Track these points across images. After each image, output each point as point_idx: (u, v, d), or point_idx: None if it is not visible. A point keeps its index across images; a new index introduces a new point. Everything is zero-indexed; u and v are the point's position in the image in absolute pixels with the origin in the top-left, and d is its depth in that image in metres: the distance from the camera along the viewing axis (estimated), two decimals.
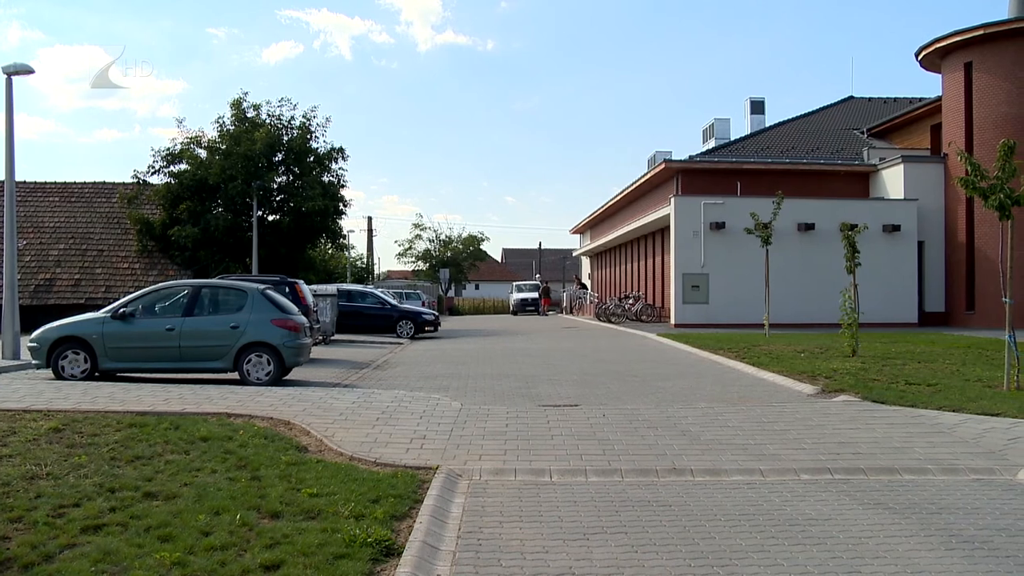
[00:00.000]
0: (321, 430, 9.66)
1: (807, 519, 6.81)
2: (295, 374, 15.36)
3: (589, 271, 64.09)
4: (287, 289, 20.19)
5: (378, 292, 33.22)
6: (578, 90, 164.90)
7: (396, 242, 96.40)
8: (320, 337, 22.83)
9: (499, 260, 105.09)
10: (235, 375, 14.29)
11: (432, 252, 73.12)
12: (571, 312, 53.77)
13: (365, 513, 6.49)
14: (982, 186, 13.36)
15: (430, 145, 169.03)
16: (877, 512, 7.02)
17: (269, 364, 14.24)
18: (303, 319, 15.46)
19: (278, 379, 14.29)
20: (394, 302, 32.56)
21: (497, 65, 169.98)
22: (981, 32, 31.50)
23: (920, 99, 39.49)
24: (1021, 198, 13.10)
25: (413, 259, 73.72)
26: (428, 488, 7.43)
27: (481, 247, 76.99)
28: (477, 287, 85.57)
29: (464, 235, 74.95)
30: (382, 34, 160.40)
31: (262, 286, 15.67)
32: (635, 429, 10.09)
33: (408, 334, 29.90)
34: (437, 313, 34.12)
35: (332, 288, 28.83)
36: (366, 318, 30.29)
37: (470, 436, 9.66)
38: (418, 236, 73.21)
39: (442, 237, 74.08)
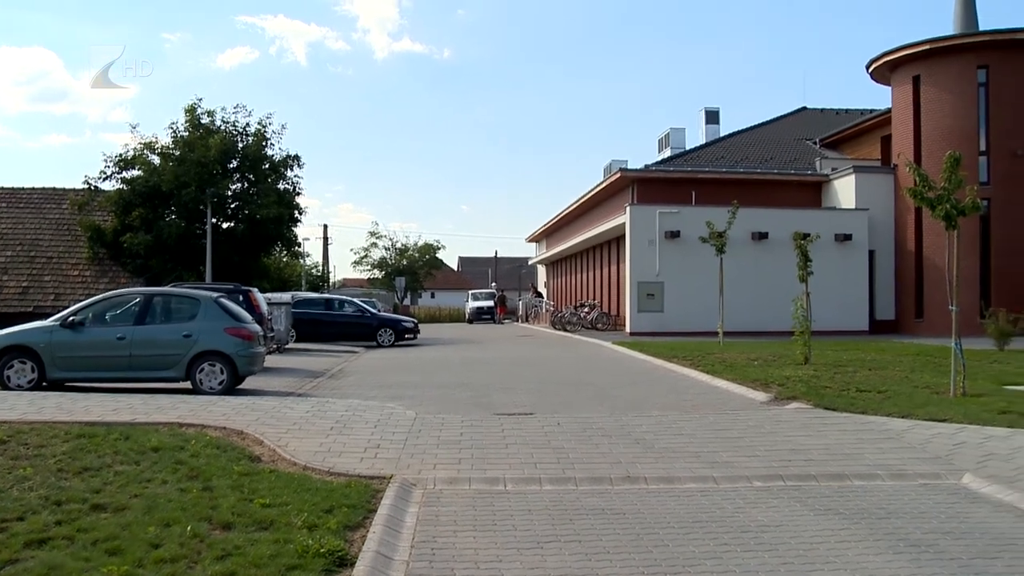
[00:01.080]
0: (274, 440, 9.58)
1: (760, 526, 6.88)
2: (249, 383, 15.23)
3: (545, 279, 64.22)
4: (241, 297, 20.00)
5: (357, 300, 33.11)
6: (534, 99, 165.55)
7: (352, 250, 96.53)
8: (274, 346, 22.64)
9: (455, 268, 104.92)
10: (187, 384, 14.12)
11: (388, 260, 72.97)
12: (527, 321, 53.82)
13: (318, 523, 6.43)
14: (930, 196, 13.57)
15: (386, 153, 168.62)
16: (828, 518, 7.11)
17: (222, 373, 14.11)
18: (257, 328, 15.35)
19: (231, 388, 14.14)
20: (373, 311, 32.51)
21: (453, 73, 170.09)
22: (928, 47, 32.14)
23: (871, 111, 40.09)
24: (966, 208, 13.35)
25: (369, 267, 73.60)
26: (382, 498, 7.40)
27: (437, 255, 77.00)
28: (433, 295, 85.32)
29: (420, 243, 74.98)
30: (338, 41, 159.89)
31: (215, 294, 15.54)
32: (589, 437, 10.12)
33: (389, 342, 29.82)
34: (416, 321, 34.12)
35: (287, 296, 28.64)
36: (345, 326, 30.17)
37: (424, 445, 9.63)
38: (374, 244, 73.11)
39: (398, 245, 74.05)
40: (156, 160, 34.50)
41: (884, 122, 35.73)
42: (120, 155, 34.42)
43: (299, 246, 42.65)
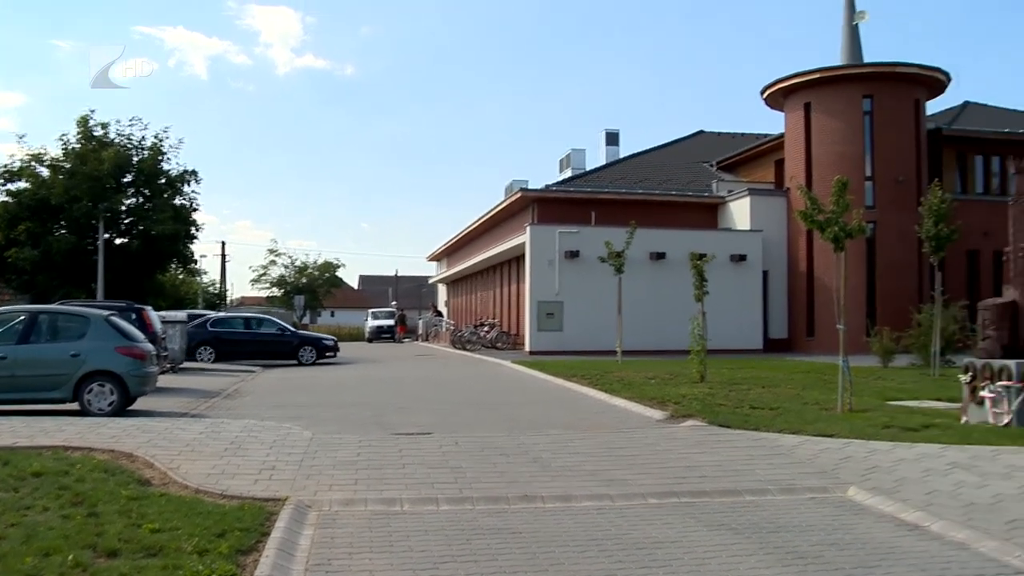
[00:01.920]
0: (166, 462, 9.33)
1: (653, 542, 6.97)
2: (140, 404, 14.80)
3: (446, 298, 64.15)
4: (134, 316, 19.51)
5: (275, 319, 32.69)
6: (437, 117, 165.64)
7: (251, 268, 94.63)
8: (168, 365, 22.08)
9: (355, 287, 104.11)
10: (75, 406, 13.67)
11: (287, 278, 71.95)
12: (427, 340, 53.67)
13: (209, 548, 6.27)
14: (819, 219, 14.04)
15: (287, 169, 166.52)
16: (720, 533, 7.25)
17: (112, 394, 13.70)
18: (149, 346, 14.97)
19: (121, 409, 13.74)
20: (293, 329, 32.23)
21: (356, 90, 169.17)
22: (818, 75, 33.36)
23: (766, 135, 41.19)
24: (853, 231, 13.85)
25: (268, 285, 72.37)
26: (276, 520, 7.27)
27: (337, 274, 76.28)
28: (333, 314, 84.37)
29: (320, 261, 74.22)
30: (240, 55, 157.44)
31: (106, 312, 15.10)
32: (487, 457, 10.13)
33: (310, 360, 29.62)
34: (336, 339, 33.88)
35: (182, 314, 28.05)
36: (266, 344, 29.80)
37: (321, 466, 9.51)
38: (273, 262, 71.99)
39: (297, 263, 73.10)
40: (45, 172, 33.47)
41: (778, 147, 36.81)
42: (5, 166, 33.36)
43: (195, 263, 41.96)
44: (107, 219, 32.66)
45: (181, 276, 51.35)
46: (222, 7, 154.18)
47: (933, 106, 36.07)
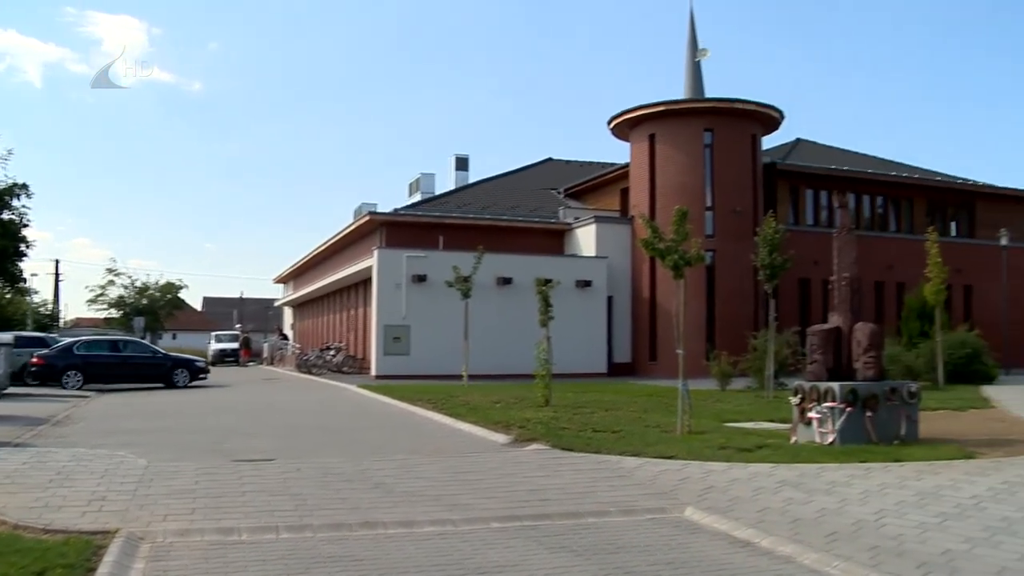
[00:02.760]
0: None
1: (495, 566, 6.96)
2: None
3: (292, 321, 63.02)
4: None
5: (144, 341, 31.47)
6: (285, 138, 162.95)
7: (87, 288, 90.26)
8: None
9: (199, 309, 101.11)
10: None
11: (127, 299, 69.20)
12: (272, 363, 52.55)
13: None
14: (660, 247, 14.45)
15: (129, 186, 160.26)
16: (561, 555, 7.30)
17: None
18: None
19: None
20: (164, 351, 31.38)
21: (203, 106, 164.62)
22: (663, 108, 34.51)
23: (612, 164, 42.18)
24: (692, 259, 14.33)
25: (106, 306, 69.41)
26: (104, 554, 6.90)
27: (179, 295, 73.91)
28: (175, 336, 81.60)
29: (162, 282, 71.75)
30: (79, 64, 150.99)
31: None
32: (329, 483, 9.93)
33: (184, 382, 28.86)
34: (206, 361, 33.00)
35: (7, 336, 26.61)
36: (136, 367, 28.78)
37: (155, 496, 9.11)
38: (111, 282, 69.01)
39: (138, 284, 70.43)
40: None
41: (623, 175, 37.76)
42: None
43: (25, 282, 39.78)
44: None
45: (8, 295, 48.70)
46: (60, 12, 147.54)
47: (768, 141, 37.91)
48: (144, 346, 31.26)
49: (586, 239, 36.72)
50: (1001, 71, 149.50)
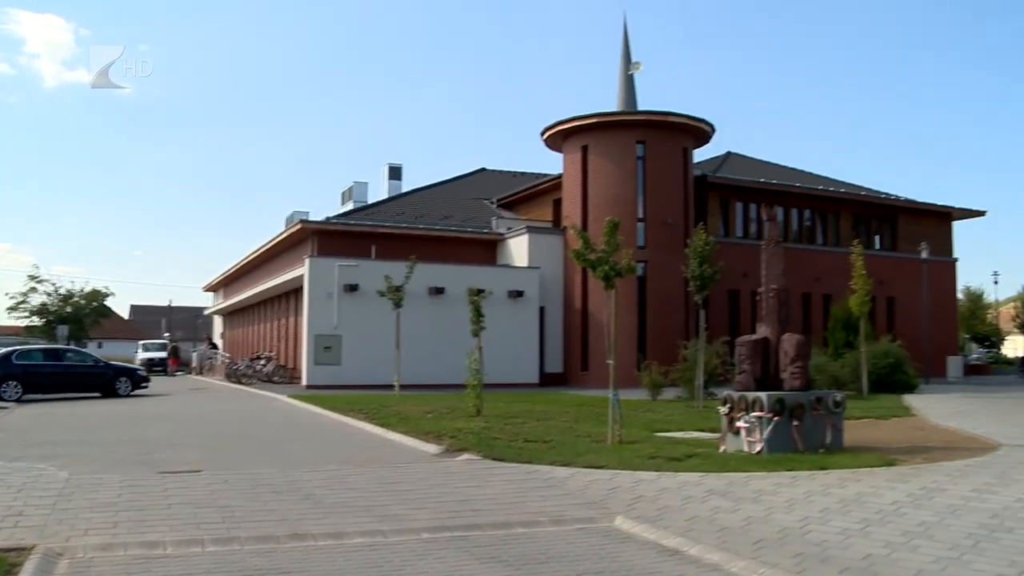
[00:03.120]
0: None
1: None
2: None
3: (222, 330, 62.13)
4: None
5: (86, 350, 30.82)
6: (218, 143, 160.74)
7: (7, 295, 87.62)
8: None
9: (126, 317, 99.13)
10: None
11: (50, 307, 67.44)
12: (201, 373, 51.67)
13: None
14: (591, 258, 14.52)
15: (53, 191, 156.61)
16: (491, 566, 7.27)
17: None
18: None
19: None
20: (104, 360, 30.98)
21: (132, 110, 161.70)
22: (595, 120, 34.77)
23: (546, 175, 42.38)
24: (623, 270, 14.42)
25: (27, 314, 67.54)
26: (19, 572, 6.70)
27: (106, 303, 72.29)
28: (100, 345, 79.70)
29: (87, 289, 70.15)
30: (1, 64, 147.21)
31: None
32: (258, 494, 9.79)
33: (127, 391, 28.58)
34: (145, 370, 32.78)
35: None
36: (78, 377, 28.26)
37: (77, 509, 8.87)
38: (34, 289, 67.10)
39: (62, 291, 68.68)
40: None
41: (556, 186, 37.94)
42: None
43: None
44: None
45: None
46: None
47: (700, 154, 38.45)
48: (85, 355, 30.79)
49: (519, 250, 36.80)
50: (925, 91, 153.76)
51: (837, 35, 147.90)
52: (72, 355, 30.22)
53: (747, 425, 12.67)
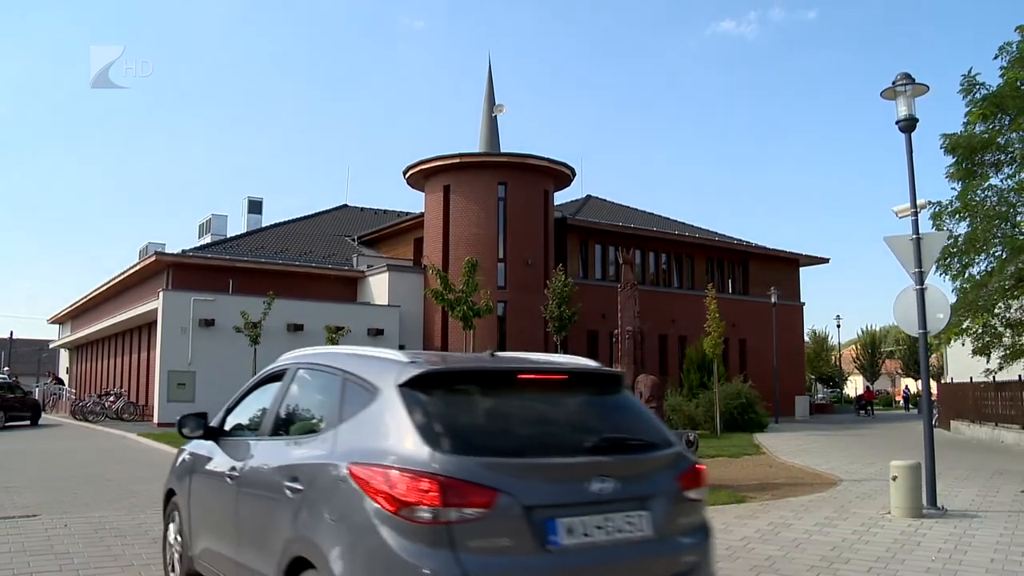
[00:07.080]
0: None
1: None
2: None
3: (68, 365, 59.59)
4: None
5: None
6: (66, 170, 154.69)
7: None
8: None
9: None
10: None
11: None
12: (45, 409, 49.38)
13: None
14: (450, 298, 14.73)
15: None
16: None
17: None
18: None
19: None
20: None
21: None
22: (458, 160, 35.18)
23: (408, 213, 42.50)
24: (481, 310, 14.67)
25: None
26: None
27: None
28: None
29: None
30: None
31: None
32: (101, 539, 9.47)
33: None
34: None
35: None
36: None
37: None
38: None
39: None
40: None
41: (418, 225, 38.11)
42: None
43: None
44: None
45: None
46: None
47: (561, 197, 39.25)
48: None
49: (379, 287, 36.72)
50: (774, 144, 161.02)
51: (695, 87, 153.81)
52: None
53: None
